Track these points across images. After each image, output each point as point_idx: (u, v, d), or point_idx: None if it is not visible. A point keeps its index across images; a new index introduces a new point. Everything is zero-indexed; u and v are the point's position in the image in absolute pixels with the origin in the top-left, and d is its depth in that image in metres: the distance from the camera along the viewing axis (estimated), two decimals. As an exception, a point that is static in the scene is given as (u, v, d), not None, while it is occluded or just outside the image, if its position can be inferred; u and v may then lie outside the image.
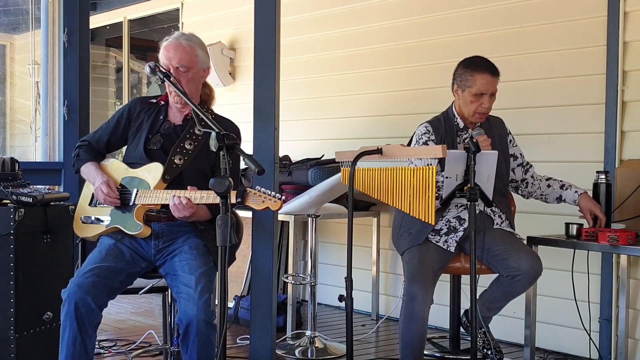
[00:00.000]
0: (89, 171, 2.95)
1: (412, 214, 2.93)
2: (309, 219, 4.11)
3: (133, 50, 7.33)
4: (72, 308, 2.57)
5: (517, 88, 4.13)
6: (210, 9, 6.18)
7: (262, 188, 2.41)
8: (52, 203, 3.22)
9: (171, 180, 2.82)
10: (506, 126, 3.49)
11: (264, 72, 3.38)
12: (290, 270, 4.56)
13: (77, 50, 4.06)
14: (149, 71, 2.67)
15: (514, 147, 3.48)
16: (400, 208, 2.96)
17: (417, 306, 3.07)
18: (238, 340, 4.18)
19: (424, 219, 2.90)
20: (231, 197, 2.27)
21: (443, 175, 3.02)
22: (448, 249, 3.26)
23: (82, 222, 2.96)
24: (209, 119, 2.39)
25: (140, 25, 7.25)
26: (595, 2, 3.87)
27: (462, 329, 3.64)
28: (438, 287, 3.20)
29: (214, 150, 2.27)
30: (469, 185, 2.89)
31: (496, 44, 4.24)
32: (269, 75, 3.36)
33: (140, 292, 3.01)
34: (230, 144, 2.28)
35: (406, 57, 4.78)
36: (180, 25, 6.42)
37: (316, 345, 4.03)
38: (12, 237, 3.02)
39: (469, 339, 2.97)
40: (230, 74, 5.94)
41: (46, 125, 4.16)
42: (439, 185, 3.03)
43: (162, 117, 2.97)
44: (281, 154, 4.75)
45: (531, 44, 4.14)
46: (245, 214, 3.58)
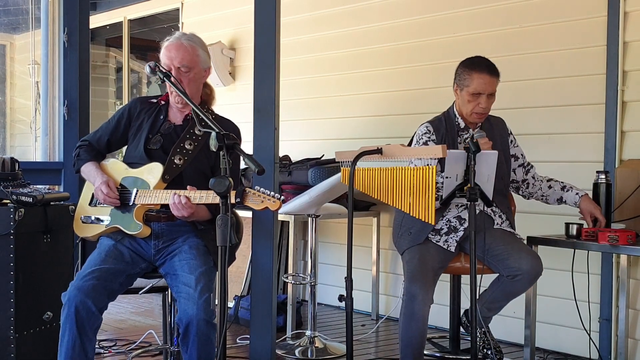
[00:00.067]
0: (89, 171, 2.95)
1: (412, 214, 2.93)
2: (309, 219, 4.11)
3: (133, 50, 7.33)
4: (73, 311, 2.56)
5: (517, 88, 4.13)
6: (210, 9, 6.17)
7: (262, 188, 2.41)
8: (52, 203, 3.23)
9: (171, 180, 2.82)
10: (507, 126, 3.49)
11: (264, 72, 3.38)
12: (290, 270, 4.55)
13: (77, 50, 4.06)
14: (149, 71, 2.67)
15: (515, 147, 3.48)
16: (400, 208, 2.96)
17: (417, 306, 3.06)
18: (238, 340, 4.17)
19: (424, 219, 2.90)
20: (231, 197, 2.27)
21: (443, 176, 3.02)
22: (448, 248, 3.26)
23: (82, 222, 2.96)
24: (209, 119, 2.39)
25: (140, 25, 7.24)
26: (595, 2, 3.87)
27: (462, 329, 3.64)
28: (438, 287, 3.20)
29: (214, 150, 2.27)
30: (469, 185, 2.89)
31: (496, 44, 4.24)
32: (269, 75, 3.36)
33: (140, 292, 3.01)
34: (230, 144, 2.27)
35: (406, 57, 4.77)
36: (180, 25, 6.42)
37: (316, 345, 4.03)
38: (12, 237, 3.03)
39: (469, 339, 2.97)
40: (230, 74, 5.94)
41: (46, 125, 4.16)
42: (439, 187, 3.02)
43: (162, 117, 2.97)
44: (281, 154, 4.75)
45: (531, 44, 4.14)
46: (245, 214, 3.58)
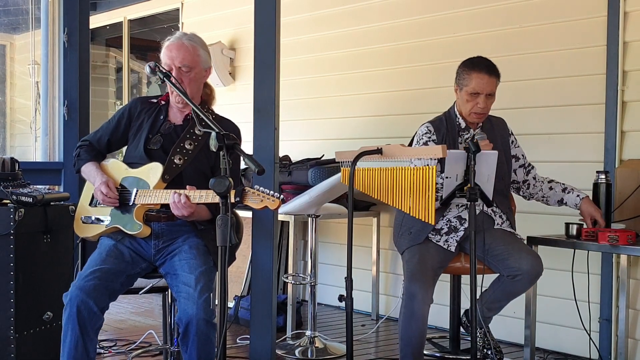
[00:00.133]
0: (90, 171, 2.95)
1: (412, 214, 2.93)
2: (309, 219, 4.11)
3: (133, 50, 7.33)
4: (74, 311, 2.56)
5: (517, 88, 4.13)
6: (210, 9, 6.17)
7: (261, 187, 2.41)
8: (52, 203, 3.23)
9: (171, 180, 2.82)
10: (508, 127, 3.49)
11: (264, 72, 3.38)
12: (290, 270, 4.55)
13: (77, 50, 4.06)
14: (149, 71, 2.67)
15: (516, 148, 3.47)
16: (400, 208, 2.96)
17: (417, 305, 3.06)
18: (238, 340, 4.17)
19: (424, 219, 2.90)
20: (231, 197, 2.27)
21: (443, 177, 3.02)
22: (448, 248, 3.26)
23: (83, 222, 2.96)
24: (209, 119, 2.39)
25: (140, 25, 7.24)
26: (595, 2, 3.87)
27: (462, 329, 3.64)
28: (438, 287, 3.20)
29: (214, 150, 2.27)
30: (469, 185, 2.89)
31: (496, 44, 4.24)
32: (269, 75, 3.36)
33: (141, 292, 3.01)
34: (230, 144, 2.28)
35: (406, 57, 4.77)
36: (180, 25, 6.42)
37: (316, 345, 4.02)
38: (12, 237, 3.03)
39: (469, 339, 2.97)
40: (230, 74, 5.94)
41: (46, 125, 4.16)
42: (438, 187, 3.02)
43: (162, 117, 2.97)
44: (281, 154, 4.75)
45: (531, 44, 4.14)
46: (245, 214, 3.58)
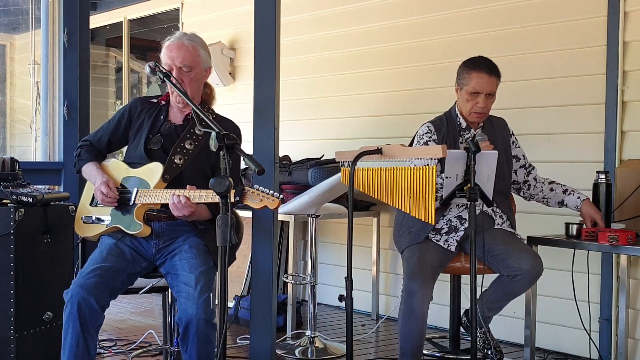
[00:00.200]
0: (90, 171, 2.95)
1: (412, 214, 2.93)
2: (309, 219, 4.11)
3: (133, 50, 7.33)
4: (75, 309, 2.56)
5: (517, 88, 4.12)
6: (210, 9, 6.17)
7: (260, 187, 2.41)
8: (52, 203, 3.23)
9: (171, 180, 2.82)
10: (509, 127, 3.48)
11: (264, 72, 3.38)
12: (290, 270, 4.55)
13: (77, 50, 4.07)
14: (149, 71, 2.67)
15: (517, 148, 3.47)
16: (400, 208, 2.96)
17: (416, 302, 3.06)
18: (238, 340, 4.17)
19: (424, 219, 2.90)
20: (230, 197, 2.27)
21: (443, 177, 3.02)
22: (448, 248, 3.26)
23: (83, 222, 2.96)
24: (209, 119, 2.39)
25: (140, 25, 7.24)
26: (595, 2, 3.87)
27: (462, 329, 3.64)
28: (438, 286, 3.20)
29: (214, 150, 2.27)
30: (469, 185, 2.89)
31: (496, 44, 4.24)
32: (269, 75, 3.36)
33: (141, 292, 3.01)
34: (230, 144, 2.27)
35: (406, 57, 4.77)
36: (180, 25, 6.42)
37: (316, 345, 4.02)
38: (12, 237, 3.03)
39: (469, 339, 2.97)
40: (230, 74, 5.94)
41: (46, 125, 4.16)
42: (438, 187, 3.02)
43: (162, 117, 2.97)
44: (281, 154, 4.75)
45: (531, 44, 4.14)
46: (245, 214, 3.58)
